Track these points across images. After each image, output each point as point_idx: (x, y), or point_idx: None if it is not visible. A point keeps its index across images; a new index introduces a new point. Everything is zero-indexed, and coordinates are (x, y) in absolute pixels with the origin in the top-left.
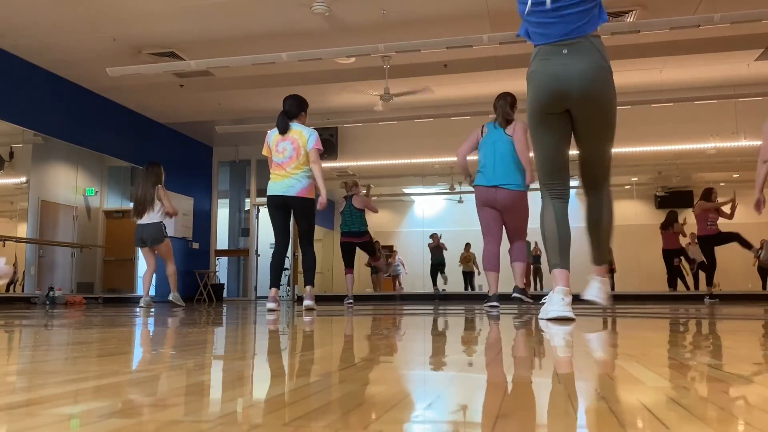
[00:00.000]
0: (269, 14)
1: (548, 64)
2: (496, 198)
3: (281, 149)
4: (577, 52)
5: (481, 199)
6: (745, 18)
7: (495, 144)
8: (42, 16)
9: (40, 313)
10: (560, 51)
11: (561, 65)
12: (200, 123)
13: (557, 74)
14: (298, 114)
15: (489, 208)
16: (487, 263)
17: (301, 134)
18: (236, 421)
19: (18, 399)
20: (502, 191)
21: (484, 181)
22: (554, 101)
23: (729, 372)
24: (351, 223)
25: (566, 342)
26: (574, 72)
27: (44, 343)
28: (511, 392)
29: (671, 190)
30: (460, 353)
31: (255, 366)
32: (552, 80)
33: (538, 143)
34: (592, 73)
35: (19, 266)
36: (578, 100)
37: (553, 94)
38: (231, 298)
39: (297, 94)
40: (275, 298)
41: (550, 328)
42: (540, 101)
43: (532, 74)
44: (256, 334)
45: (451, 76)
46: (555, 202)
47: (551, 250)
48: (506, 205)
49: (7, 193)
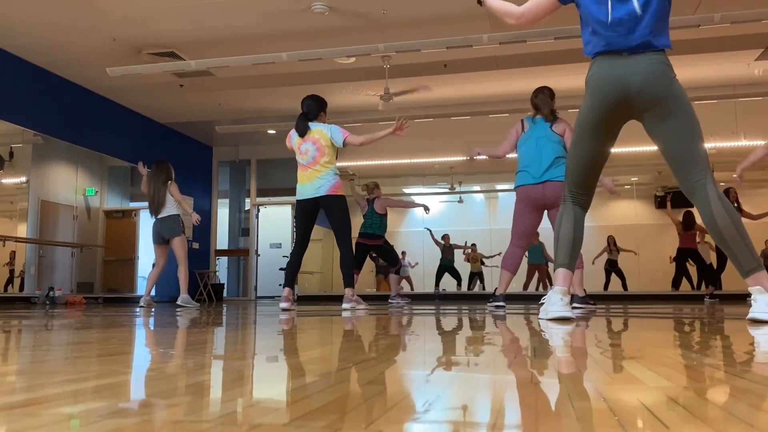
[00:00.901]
0: (269, 14)
1: (608, 65)
2: (545, 194)
3: (304, 151)
4: (637, 56)
5: (527, 199)
6: (745, 18)
7: (539, 140)
8: (42, 16)
9: (40, 313)
10: (621, 54)
11: (621, 66)
12: (200, 123)
13: (619, 74)
14: (317, 114)
15: (533, 210)
16: (509, 264)
17: (322, 133)
18: (236, 421)
19: (18, 399)
20: (551, 185)
21: (529, 179)
22: (617, 101)
23: (729, 372)
24: (369, 225)
25: (566, 342)
26: (636, 68)
27: (44, 343)
28: (511, 392)
29: (671, 190)
30: (459, 353)
31: (255, 366)
32: (614, 80)
33: (580, 150)
34: (653, 66)
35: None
36: (644, 97)
37: (615, 94)
38: (231, 297)
39: (315, 95)
40: (288, 297)
41: (550, 328)
42: (600, 101)
43: (592, 77)
44: (256, 334)
45: (451, 76)
46: (576, 209)
47: (562, 251)
48: (557, 199)
49: (7, 193)
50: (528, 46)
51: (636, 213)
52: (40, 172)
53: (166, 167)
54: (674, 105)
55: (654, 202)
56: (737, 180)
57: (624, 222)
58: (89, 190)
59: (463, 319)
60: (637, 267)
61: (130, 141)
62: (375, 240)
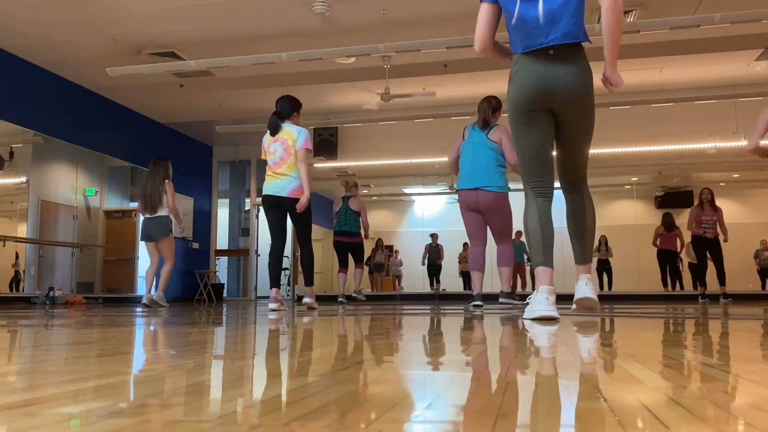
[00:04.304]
0: (269, 14)
1: (534, 64)
2: (477, 200)
3: (272, 151)
4: (563, 55)
5: (463, 203)
6: (745, 18)
7: (475, 147)
8: (42, 16)
9: (40, 312)
10: (547, 52)
11: (547, 64)
12: (200, 123)
13: (543, 72)
14: (290, 114)
15: (472, 211)
16: (473, 264)
17: (291, 134)
18: (236, 421)
19: (18, 399)
20: (482, 193)
21: (465, 184)
22: (539, 97)
23: (729, 372)
24: (344, 223)
25: (565, 342)
26: (561, 71)
27: (44, 343)
28: (511, 392)
29: (671, 190)
30: (459, 353)
31: (255, 366)
32: (537, 77)
33: (522, 141)
34: (577, 73)
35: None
36: (563, 99)
37: (538, 90)
38: (231, 297)
39: (290, 95)
40: (276, 298)
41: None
42: (524, 96)
43: (517, 73)
44: (256, 334)
45: (451, 76)
46: (538, 200)
47: (535, 249)
48: (488, 207)
49: (7, 193)
50: None
51: (636, 213)
52: (40, 172)
53: (165, 165)
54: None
55: (654, 202)
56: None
57: (624, 222)
58: (89, 190)
59: (454, 319)
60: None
61: (130, 141)
62: (353, 237)
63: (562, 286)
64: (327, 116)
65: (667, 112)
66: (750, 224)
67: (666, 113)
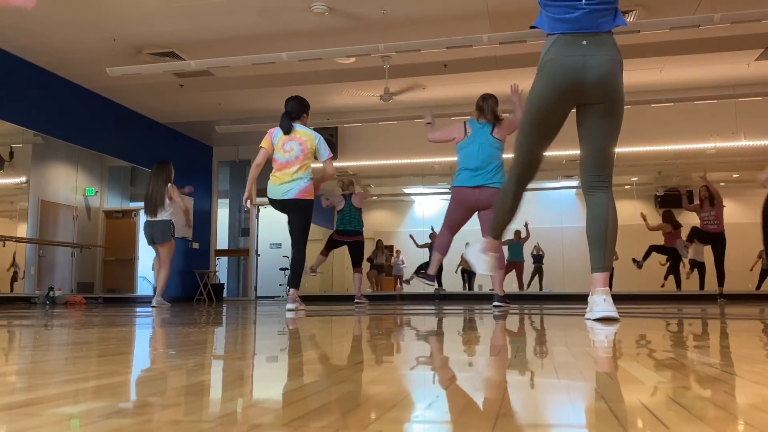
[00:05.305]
0: (269, 14)
1: (567, 53)
2: (480, 198)
3: (288, 148)
4: (596, 44)
5: (462, 199)
6: (745, 18)
7: (481, 146)
8: (42, 16)
9: (40, 313)
10: (580, 42)
11: (580, 56)
12: (200, 123)
13: (576, 64)
14: (300, 115)
15: (466, 210)
16: (439, 247)
17: (310, 138)
18: (236, 421)
19: (18, 399)
20: (486, 191)
21: (467, 181)
22: (569, 91)
23: (729, 372)
24: (348, 221)
25: (565, 342)
26: (594, 63)
27: (44, 343)
28: (511, 392)
29: (671, 190)
30: (459, 353)
31: (255, 366)
32: (570, 70)
33: (528, 134)
34: (611, 65)
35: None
36: (596, 92)
37: (570, 84)
38: (231, 297)
39: (299, 96)
40: (294, 298)
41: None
42: (554, 89)
43: (549, 62)
44: (256, 334)
45: (451, 76)
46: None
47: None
48: (489, 203)
49: (7, 193)
50: (528, 46)
51: (636, 213)
52: (40, 172)
53: (167, 168)
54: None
55: (654, 202)
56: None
57: (624, 222)
58: (89, 190)
59: (454, 319)
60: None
61: (130, 141)
62: (354, 236)
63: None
64: (327, 116)
65: (667, 112)
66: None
67: (666, 113)
